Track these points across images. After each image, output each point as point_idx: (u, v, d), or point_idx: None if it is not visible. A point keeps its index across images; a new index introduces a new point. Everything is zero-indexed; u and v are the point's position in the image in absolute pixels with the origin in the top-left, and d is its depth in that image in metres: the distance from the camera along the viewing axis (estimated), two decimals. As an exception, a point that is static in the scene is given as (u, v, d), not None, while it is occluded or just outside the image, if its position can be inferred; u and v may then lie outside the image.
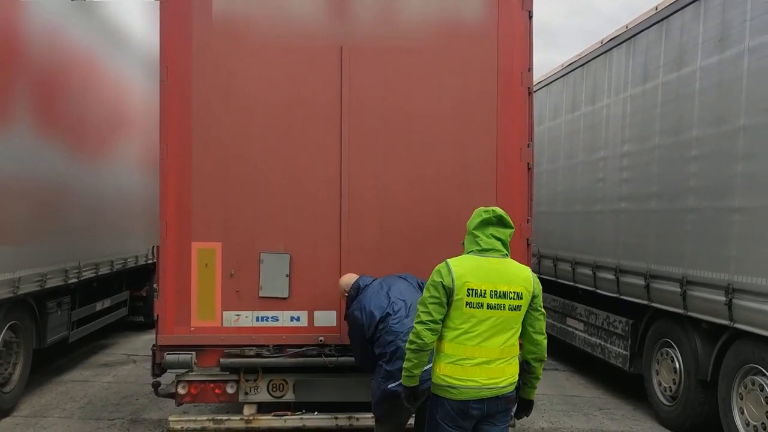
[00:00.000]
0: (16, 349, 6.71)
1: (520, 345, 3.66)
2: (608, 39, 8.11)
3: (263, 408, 5.13)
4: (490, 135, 5.09)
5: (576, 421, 6.72)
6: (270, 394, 5.13)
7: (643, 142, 7.10)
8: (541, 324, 3.65)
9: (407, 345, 3.52)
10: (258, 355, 4.99)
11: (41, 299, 7.10)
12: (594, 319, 8.17)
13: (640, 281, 6.91)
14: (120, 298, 9.87)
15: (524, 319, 3.58)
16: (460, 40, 5.10)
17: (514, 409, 3.79)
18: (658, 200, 6.75)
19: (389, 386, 4.11)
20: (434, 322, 3.45)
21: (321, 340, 5.01)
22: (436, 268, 3.56)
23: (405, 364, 3.56)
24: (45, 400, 7.05)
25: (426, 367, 3.63)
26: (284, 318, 5.02)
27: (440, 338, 3.51)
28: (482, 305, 3.44)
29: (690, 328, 6.26)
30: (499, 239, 3.59)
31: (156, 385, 5.13)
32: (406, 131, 5.07)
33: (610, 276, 7.60)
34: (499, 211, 3.65)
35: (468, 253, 3.61)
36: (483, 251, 3.55)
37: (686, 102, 6.32)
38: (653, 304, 6.74)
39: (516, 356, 3.57)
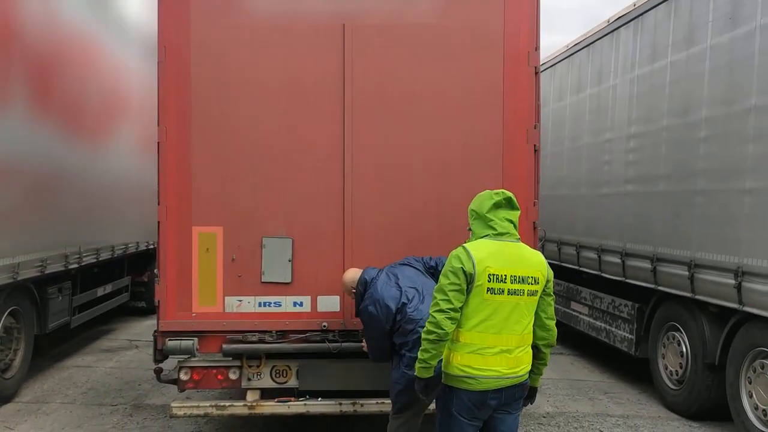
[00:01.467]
0: (16, 335, 6.66)
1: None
2: (615, 18, 7.97)
3: (266, 394, 5.06)
4: (497, 116, 4.97)
5: (581, 405, 6.67)
6: (273, 380, 5.06)
7: (651, 123, 6.99)
8: (552, 309, 3.56)
9: (424, 335, 3.35)
10: (261, 341, 4.91)
11: (42, 285, 7.04)
12: (599, 303, 8.10)
13: (647, 264, 6.83)
14: (121, 283, 9.82)
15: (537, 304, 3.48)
16: (466, 18, 4.97)
17: None
18: (666, 182, 6.65)
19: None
20: (454, 310, 3.29)
21: (324, 326, 4.93)
22: (454, 253, 3.40)
23: (422, 355, 3.39)
24: (47, 386, 7.01)
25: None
26: (287, 303, 4.94)
27: (457, 326, 3.35)
28: (503, 291, 3.31)
29: (697, 311, 6.18)
30: (511, 222, 3.49)
31: (158, 371, 5.06)
32: (411, 112, 4.95)
33: (616, 259, 7.52)
34: (508, 192, 3.54)
35: (483, 237, 3.45)
36: (499, 235, 3.43)
37: (695, 81, 6.20)
38: (660, 288, 6.66)
39: (530, 343, 3.48)
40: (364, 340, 4.72)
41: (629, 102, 7.50)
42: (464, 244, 3.44)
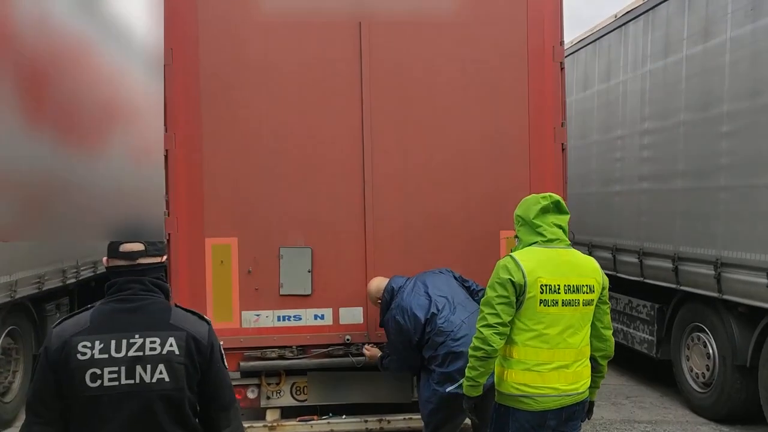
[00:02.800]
0: (15, 355, 6.34)
1: None
2: (623, 13, 7.78)
3: (287, 412, 4.81)
4: (522, 114, 4.75)
5: (606, 412, 6.45)
6: (294, 398, 4.80)
7: (666, 119, 6.80)
8: (609, 318, 3.36)
9: (471, 352, 3.11)
10: (281, 357, 4.65)
11: (39, 302, 6.72)
12: (614, 303, 7.89)
13: (668, 264, 6.63)
14: (119, 296, 9.49)
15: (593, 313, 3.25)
16: (488, 12, 4.74)
17: None
18: (685, 179, 6.46)
19: (447, 389, 3.81)
20: (503, 324, 3.05)
21: (347, 339, 4.67)
22: (501, 263, 3.16)
23: (469, 373, 3.16)
24: (47, 408, 6.68)
25: None
26: (307, 316, 4.68)
27: (509, 341, 3.12)
28: (557, 302, 3.07)
29: (724, 311, 5.98)
30: (560, 227, 3.26)
31: (170, 393, 4.77)
32: (432, 113, 4.71)
33: (633, 259, 7.32)
34: (556, 196, 3.31)
35: (531, 245, 3.21)
36: (549, 242, 3.19)
37: (715, 75, 6.01)
38: (682, 288, 6.47)
39: (589, 356, 3.26)
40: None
41: (641, 97, 7.31)
42: (512, 253, 3.20)
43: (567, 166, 4.89)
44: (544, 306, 3.07)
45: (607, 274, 8.14)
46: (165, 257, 2.47)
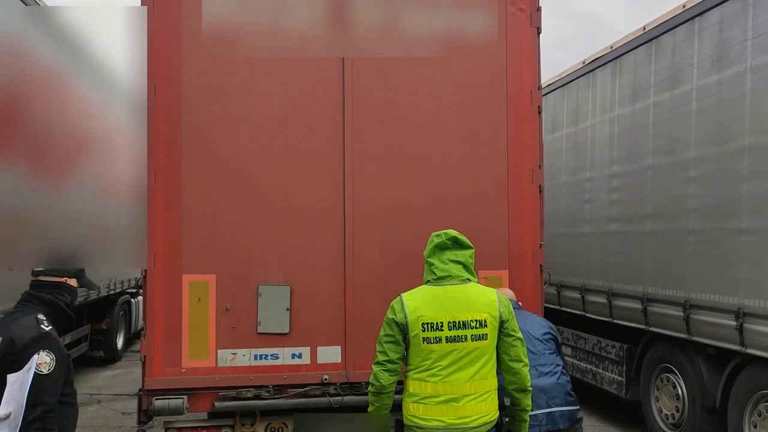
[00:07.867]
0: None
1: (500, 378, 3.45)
2: (591, 59, 8.04)
3: (260, 454, 4.70)
4: (501, 156, 4.83)
5: (577, 452, 6.45)
6: (268, 439, 4.71)
7: (634, 163, 6.99)
8: (518, 350, 3.40)
9: (369, 388, 3.39)
10: (257, 397, 4.56)
11: (-1, 338, 6.48)
12: (583, 344, 7.97)
13: (637, 305, 6.75)
14: (81, 332, 9.25)
15: (498, 347, 3.36)
16: (468, 55, 4.83)
17: None
18: (654, 222, 6.62)
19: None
20: (391, 362, 3.31)
21: (325, 379, 4.62)
22: (391, 303, 3.40)
23: (369, 408, 3.42)
24: (4, 450, 6.41)
25: (546, 410, 3.80)
26: (285, 355, 4.62)
27: (406, 376, 3.36)
28: (440, 339, 3.25)
29: (693, 352, 6.09)
30: (458, 263, 3.40)
31: (141, 435, 4.64)
32: (413, 154, 4.75)
33: (602, 299, 7.43)
34: (453, 232, 3.48)
35: (425, 283, 3.42)
36: (439, 280, 3.37)
37: (682, 122, 6.22)
38: (651, 329, 6.57)
39: (492, 391, 3.34)
40: None
41: (609, 141, 7.51)
42: (403, 293, 3.41)
43: (544, 207, 4.96)
44: (428, 343, 3.25)
45: (575, 314, 8.28)
46: (65, 278, 3.46)
